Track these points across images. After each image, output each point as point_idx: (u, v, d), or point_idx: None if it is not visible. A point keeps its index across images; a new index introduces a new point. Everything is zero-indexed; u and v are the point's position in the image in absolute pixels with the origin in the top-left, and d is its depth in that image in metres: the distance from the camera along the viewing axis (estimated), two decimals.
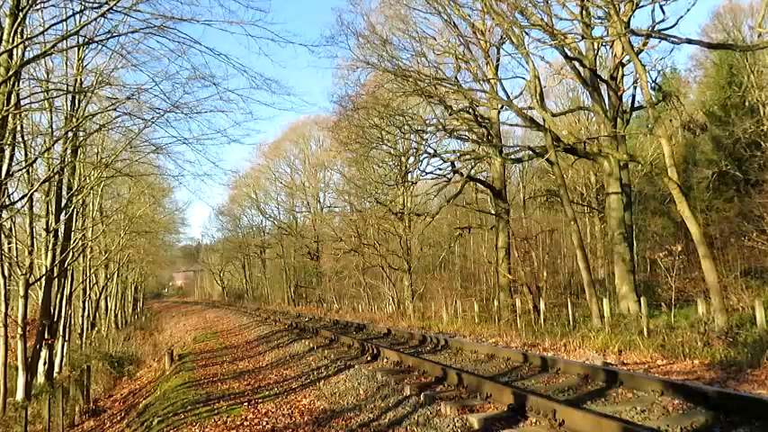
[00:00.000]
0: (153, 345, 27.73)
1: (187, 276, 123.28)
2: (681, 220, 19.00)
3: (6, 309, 13.34)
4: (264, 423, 7.76)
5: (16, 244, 17.07)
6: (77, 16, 10.04)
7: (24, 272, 14.47)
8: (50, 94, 13.63)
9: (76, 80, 15.38)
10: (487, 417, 6.40)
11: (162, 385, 13.22)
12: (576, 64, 20.66)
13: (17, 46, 9.93)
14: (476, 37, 25.06)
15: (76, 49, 14.25)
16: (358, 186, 34.97)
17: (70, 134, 14.22)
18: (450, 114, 25.46)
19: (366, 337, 16.63)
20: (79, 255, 21.31)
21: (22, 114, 12.53)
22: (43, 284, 15.73)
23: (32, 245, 14.84)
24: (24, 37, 9.99)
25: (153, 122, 12.15)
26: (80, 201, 18.93)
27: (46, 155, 14.02)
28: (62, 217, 16.37)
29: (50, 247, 15.74)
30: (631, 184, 26.40)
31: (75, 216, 18.76)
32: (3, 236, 14.55)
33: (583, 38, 19.72)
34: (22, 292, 14.41)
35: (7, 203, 11.92)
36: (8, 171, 11.68)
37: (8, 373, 13.38)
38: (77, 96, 14.87)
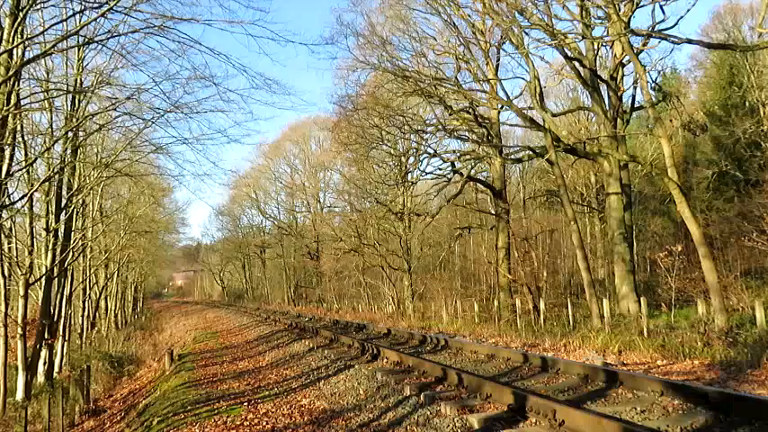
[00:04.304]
0: (153, 345, 27.73)
1: (187, 276, 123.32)
2: (681, 220, 19.00)
3: (6, 309, 13.34)
4: (264, 423, 7.75)
5: (16, 244, 17.07)
6: (77, 16, 10.05)
7: (24, 272, 14.47)
8: (50, 93, 13.65)
9: (76, 80, 15.38)
10: (487, 417, 6.40)
11: (162, 385, 13.22)
12: (576, 64, 20.66)
13: (17, 46, 9.94)
14: (476, 37, 25.06)
15: (76, 49, 14.25)
16: (358, 186, 34.97)
17: (70, 134, 14.22)
18: (450, 114, 25.46)
19: (366, 337, 16.63)
20: (79, 255, 21.31)
21: (22, 114, 12.53)
22: (43, 284, 15.73)
23: (32, 245, 14.84)
24: (24, 37, 10.00)
25: (153, 122, 12.19)
26: (80, 201, 18.93)
27: (46, 155, 14.02)
28: (62, 217, 16.37)
29: (50, 247, 15.74)
30: (631, 184, 26.41)
31: (75, 216, 18.76)
32: (3, 236, 14.54)
33: (583, 38, 19.72)
34: (22, 292, 14.41)
35: (7, 203, 11.93)
36: (8, 171, 11.68)
37: (8, 373, 13.38)
38: (77, 96, 14.88)
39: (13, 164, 12.33)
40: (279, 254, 60.30)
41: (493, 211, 28.71)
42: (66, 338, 20.98)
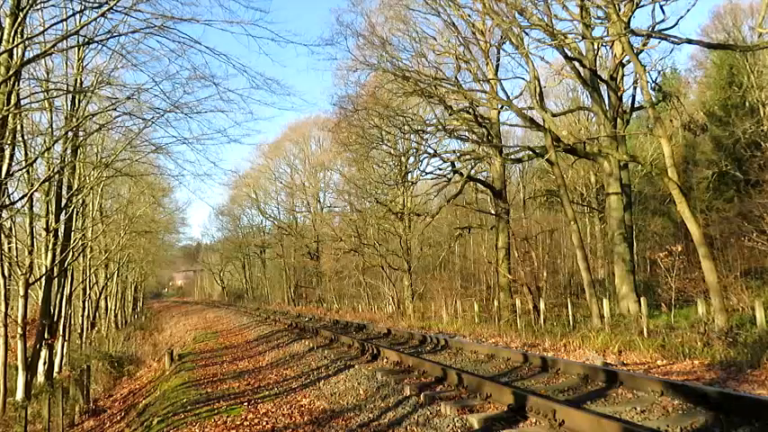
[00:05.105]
0: (153, 344, 27.74)
1: (187, 276, 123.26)
2: (681, 220, 19.00)
3: (6, 309, 13.33)
4: (264, 423, 7.76)
5: (16, 244, 17.06)
6: (77, 16, 10.06)
7: (24, 272, 14.46)
8: (50, 93, 13.64)
9: (76, 80, 15.38)
10: (487, 417, 6.40)
11: (162, 385, 13.22)
12: (576, 64, 20.65)
13: (17, 46, 9.93)
14: (476, 37, 25.06)
15: (76, 48, 14.25)
16: (358, 186, 34.96)
17: (70, 134, 14.21)
18: (451, 114, 25.46)
19: (366, 337, 16.63)
20: (79, 255, 21.31)
21: (22, 114, 12.53)
22: (43, 284, 15.72)
23: (32, 245, 14.83)
24: (24, 37, 9.99)
25: (153, 122, 12.19)
26: (80, 201, 18.92)
27: (46, 155, 14.01)
28: (62, 217, 16.36)
29: (50, 246, 15.73)
30: (631, 184, 26.40)
31: (75, 216, 18.75)
32: (3, 236, 14.53)
33: (583, 38, 19.71)
34: (22, 292, 14.40)
35: (7, 203, 11.92)
36: (8, 171, 11.67)
37: (8, 373, 13.37)
38: (77, 96, 14.87)
39: (13, 164, 12.32)
40: (279, 254, 60.28)
41: (493, 211, 28.70)
42: (67, 338, 20.97)
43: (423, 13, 25.28)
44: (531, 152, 24.04)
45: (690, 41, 15.60)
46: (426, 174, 31.66)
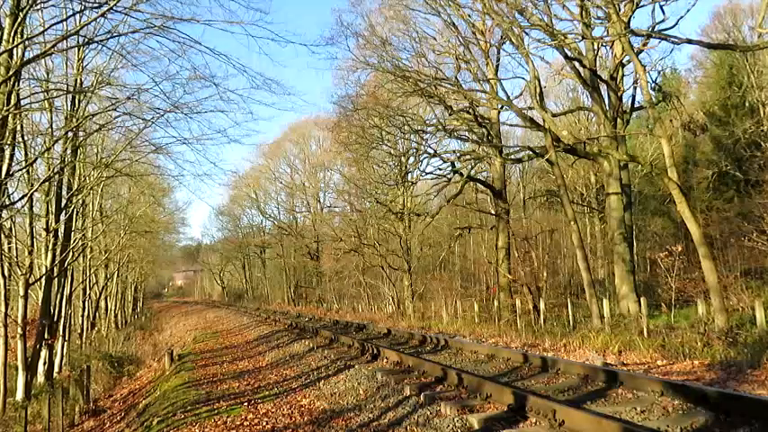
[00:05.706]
0: (153, 345, 27.73)
1: (187, 276, 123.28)
2: (681, 220, 19.00)
3: (6, 309, 13.34)
4: (264, 423, 7.76)
5: (16, 244, 17.07)
6: (77, 16, 10.07)
7: (24, 272, 14.46)
8: (50, 94, 13.64)
9: (76, 80, 15.38)
10: (487, 417, 6.40)
11: (162, 385, 13.22)
12: (576, 64, 20.65)
13: (17, 46, 9.93)
14: (476, 37, 25.06)
15: (76, 49, 14.24)
16: (358, 186, 34.96)
17: (70, 134, 14.22)
18: (451, 114, 25.46)
19: (366, 337, 16.63)
20: (79, 255, 21.31)
21: (22, 114, 12.53)
22: (43, 284, 15.73)
23: (32, 245, 14.83)
24: (24, 37, 9.99)
25: (153, 122, 12.20)
26: (80, 201, 18.92)
27: (46, 155, 14.01)
28: (62, 217, 16.36)
29: (50, 247, 15.74)
30: (631, 184, 26.40)
31: (75, 216, 18.76)
32: (3, 236, 14.53)
33: (583, 38, 19.71)
34: (22, 292, 14.40)
35: (7, 203, 11.93)
36: (8, 171, 11.68)
37: (8, 373, 13.38)
38: (77, 96, 14.87)
39: (13, 164, 12.32)
40: (279, 254, 60.27)
41: (493, 211, 28.70)
42: (66, 338, 20.97)
43: (423, 13, 25.29)
44: (531, 152, 24.04)
45: (690, 41, 15.62)
46: (426, 174, 31.70)
